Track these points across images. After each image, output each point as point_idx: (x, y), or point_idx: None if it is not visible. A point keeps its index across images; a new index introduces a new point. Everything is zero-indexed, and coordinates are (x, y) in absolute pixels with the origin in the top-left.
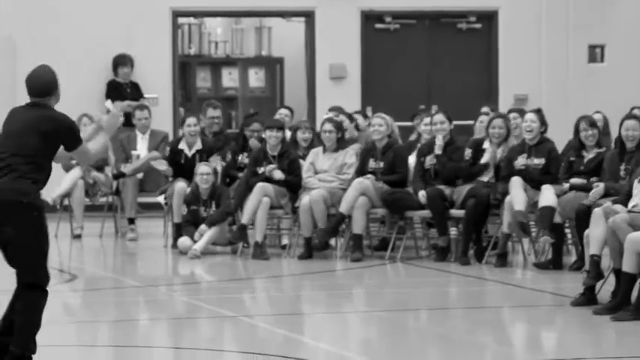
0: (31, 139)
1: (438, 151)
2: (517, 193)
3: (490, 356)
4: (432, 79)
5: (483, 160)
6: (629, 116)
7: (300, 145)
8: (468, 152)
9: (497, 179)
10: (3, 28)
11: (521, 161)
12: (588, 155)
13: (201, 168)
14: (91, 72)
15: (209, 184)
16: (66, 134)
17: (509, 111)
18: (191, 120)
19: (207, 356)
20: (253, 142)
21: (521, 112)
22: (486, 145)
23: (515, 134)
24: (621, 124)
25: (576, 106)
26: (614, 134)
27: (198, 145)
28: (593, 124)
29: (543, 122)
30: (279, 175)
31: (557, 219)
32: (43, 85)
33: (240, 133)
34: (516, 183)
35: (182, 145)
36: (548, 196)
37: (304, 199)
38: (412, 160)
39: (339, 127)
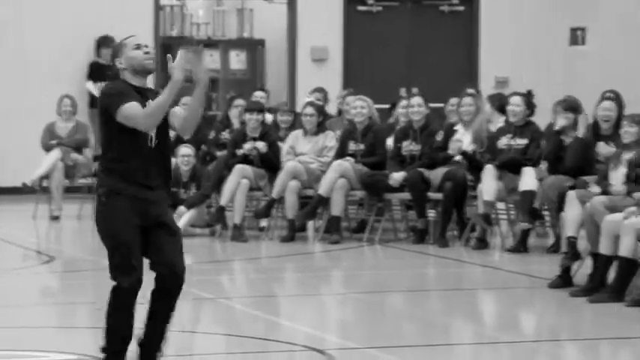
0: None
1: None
2: (488, 183)
3: (468, 338)
4: (413, 61)
5: (449, 150)
6: (605, 97)
7: (280, 127)
8: (439, 134)
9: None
10: None
11: (504, 141)
12: (566, 139)
13: (182, 150)
14: (74, 53)
15: (190, 166)
16: (101, 99)
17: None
18: None
19: (185, 338)
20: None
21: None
22: (458, 127)
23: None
24: (597, 106)
25: (557, 88)
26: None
27: None
28: (568, 107)
29: (529, 105)
30: (262, 146)
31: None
32: None
33: (225, 112)
34: (489, 172)
35: None
36: (528, 180)
37: (291, 183)
38: (390, 142)
39: (320, 110)
